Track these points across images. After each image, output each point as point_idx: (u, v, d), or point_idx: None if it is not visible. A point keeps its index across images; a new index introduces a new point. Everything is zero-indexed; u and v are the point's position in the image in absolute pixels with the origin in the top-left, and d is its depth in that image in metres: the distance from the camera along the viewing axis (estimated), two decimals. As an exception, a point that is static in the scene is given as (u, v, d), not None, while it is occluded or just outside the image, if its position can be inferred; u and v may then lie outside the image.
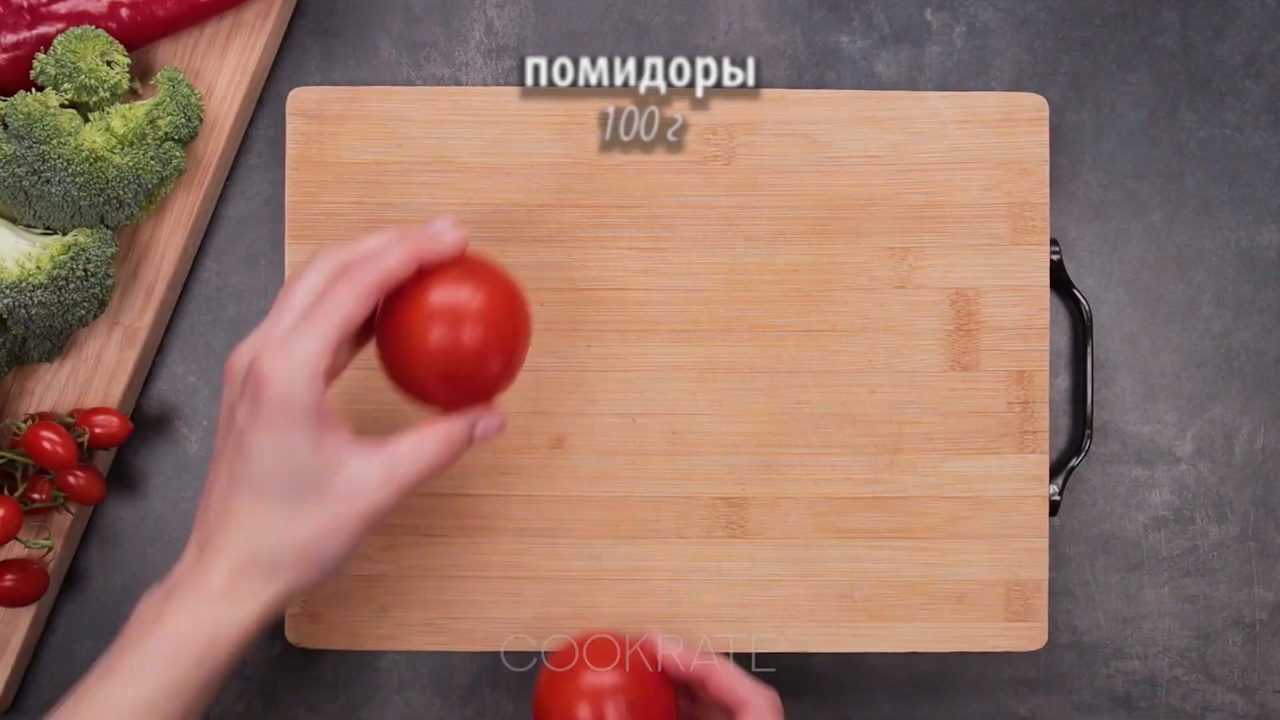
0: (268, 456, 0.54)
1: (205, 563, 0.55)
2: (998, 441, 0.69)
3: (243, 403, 0.54)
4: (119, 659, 0.54)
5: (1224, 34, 0.73)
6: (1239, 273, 0.73)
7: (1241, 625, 0.73)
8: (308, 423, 0.54)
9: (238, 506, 0.55)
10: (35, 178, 0.64)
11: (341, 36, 0.72)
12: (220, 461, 0.56)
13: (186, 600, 0.54)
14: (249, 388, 0.54)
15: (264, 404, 0.53)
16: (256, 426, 0.54)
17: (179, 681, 0.53)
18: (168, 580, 0.56)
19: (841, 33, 0.72)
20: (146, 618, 0.55)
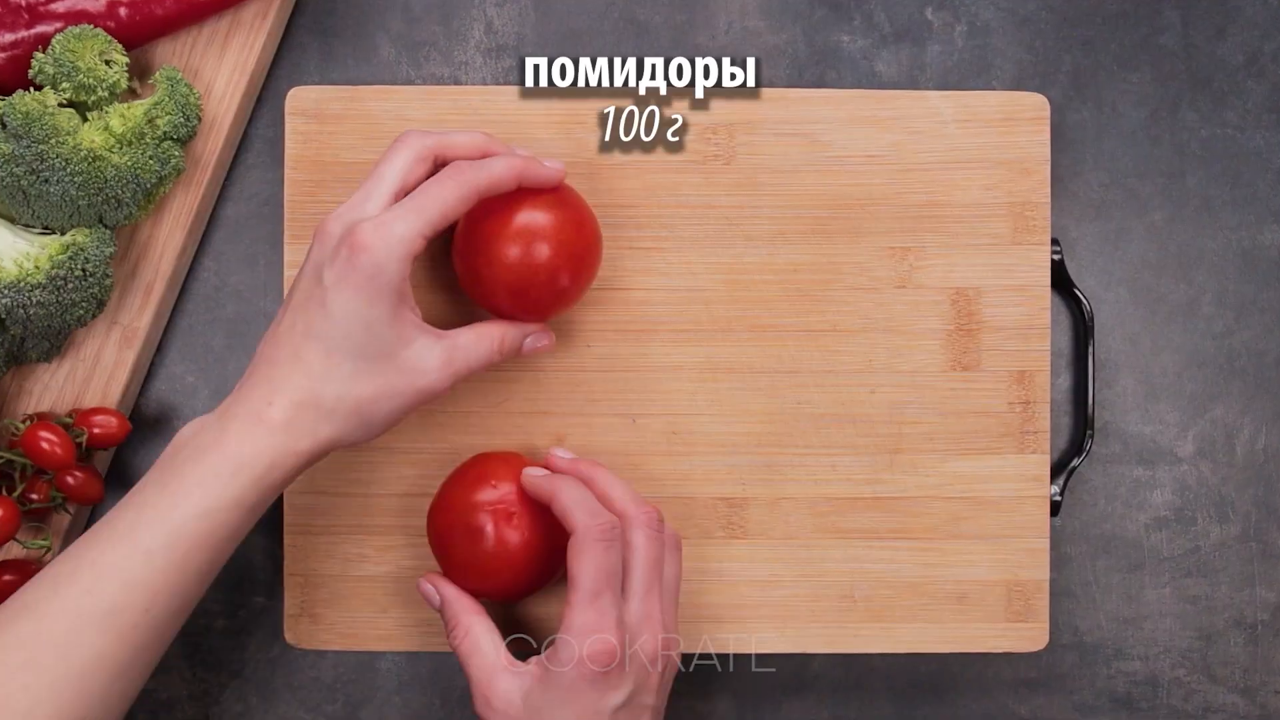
0: (349, 317, 0.58)
1: (266, 397, 0.58)
2: (999, 442, 0.69)
3: (334, 265, 0.58)
4: (176, 475, 0.57)
5: (1225, 33, 0.73)
6: (1240, 272, 0.73)
7: (1243, 626, 0.72)
8: (390, 297, 0.59)
9: (309, 355, 0.59)
10: (34, 177, 0.64)
11: (341, 35, 0.72)
12: (298, 312, 0.59)
13: (247, 428, 0.58)
14: (343, 252, 0.58)
15: (356, 270, 0.58)
16: (344, 289, 0.58)
17: (237, 497, 0.57)
18: (221, 411, 0.59)
19: (842, 32, 0.72)
20: (203, 441, 0.58)
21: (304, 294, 0.60)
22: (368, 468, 0.69)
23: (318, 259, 0.59)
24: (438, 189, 0.60)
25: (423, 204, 0.59)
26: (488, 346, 0.63)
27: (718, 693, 0.72)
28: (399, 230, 0.58)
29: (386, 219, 0.59)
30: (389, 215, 0.59)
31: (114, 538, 0.57)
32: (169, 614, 0.57)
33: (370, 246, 0.58)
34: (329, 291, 0.58)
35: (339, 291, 0.58)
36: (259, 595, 0.72)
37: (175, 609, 0.57)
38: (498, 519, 0.63)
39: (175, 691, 0.72)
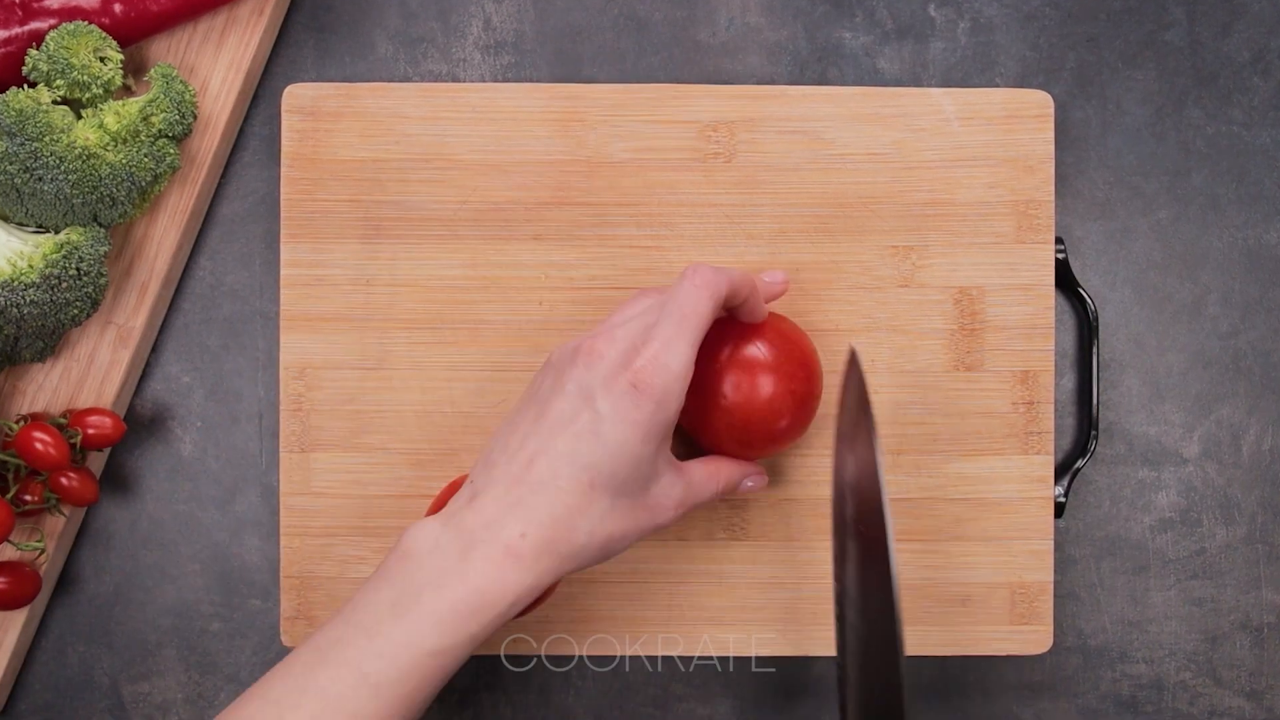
0: (621, 452, 0.56)
1: (517, 524, 0.56)
2: (1002, 442, 0.69)
3: (610, 394, 0.56)
4: (412, 601, 0.54)
5: (1231, 30, 0.72)
6: (1246, 272, 0.72)
7: (1249, 628, 0.72)
8: (661, 435, 0.57)
9: (569, 483, 0.56)
10: (27, 175, 0.63)
11: (337, 32, 0.72)
12: (557, 433, 0.57)
13: (494, 560, 0.55)
14: (622, 385, 0.56)
15: (638, 408, 0.56)
16: (622, 424, 0.56)
17: (475, 634, 0.55)
18: (459, 526, 0.56)
19: (844, 28, 0.72)
20: (442, 566, 0.55)
21: (567, 414, 0.57)
22: (364, 470, 0.68)
23: (586, 380, 0.57)
24: (695, 303, 0.58)
25: (688, 325, 0.58)
26: (714, 488, 0.62)
27: (718, 695, 0.72)
28: (674, 365, 0.57)
29: (657, 355, 0.57)
30: (656, 349, 0.57)
31: (341, 663, 0.54)
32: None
33: (654, 387, 0.56)
34: (605, 422, 0.56)
35: (617, 425, 0.56)
36: (255, 598, 0.72)
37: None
38: None
39: (171, 694, 0.72)
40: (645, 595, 0.69)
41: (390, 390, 0.68)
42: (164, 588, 0.72)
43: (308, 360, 0.68)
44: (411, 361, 0.68)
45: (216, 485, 0.72)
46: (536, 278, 0.68)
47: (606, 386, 0.57)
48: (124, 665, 0.72)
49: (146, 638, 0.72)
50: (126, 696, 0.72)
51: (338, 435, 0.68)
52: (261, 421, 0.72)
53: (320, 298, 0.68)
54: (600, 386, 0.57)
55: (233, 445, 0.72)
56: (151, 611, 0.72)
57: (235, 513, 0.72)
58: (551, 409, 0.57)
